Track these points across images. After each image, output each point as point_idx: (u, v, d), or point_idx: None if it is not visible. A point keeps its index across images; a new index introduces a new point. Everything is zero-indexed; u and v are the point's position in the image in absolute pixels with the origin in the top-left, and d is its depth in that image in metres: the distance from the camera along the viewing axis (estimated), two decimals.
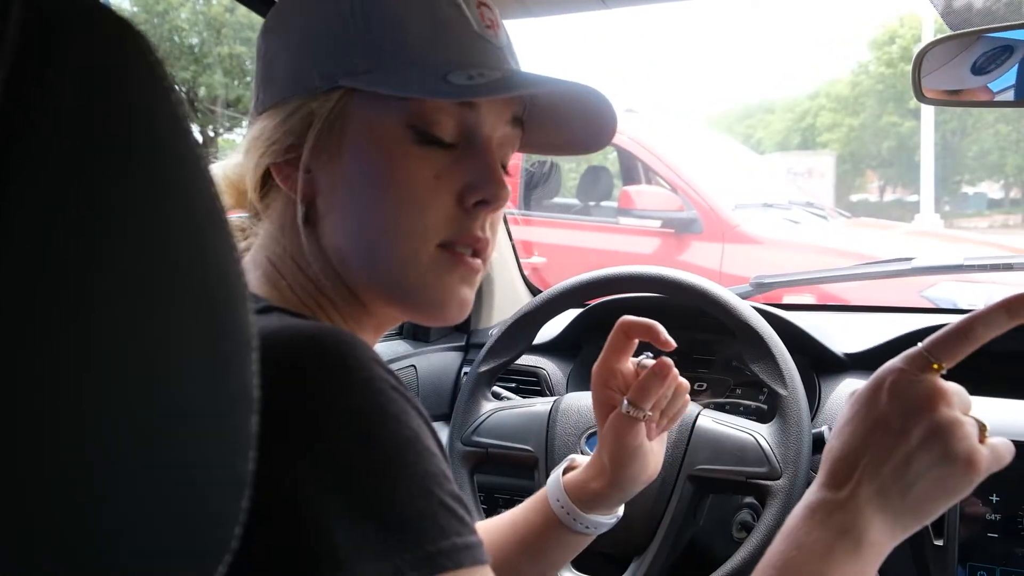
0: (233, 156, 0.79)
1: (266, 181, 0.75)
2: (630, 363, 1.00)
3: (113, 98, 0.33)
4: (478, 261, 0.74)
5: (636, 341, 0.99)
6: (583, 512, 0.97)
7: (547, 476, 1.30)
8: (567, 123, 0.79)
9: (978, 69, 1.15)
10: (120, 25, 0.34)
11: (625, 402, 0.94)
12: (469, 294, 0.75)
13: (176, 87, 0.36)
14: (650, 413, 0.94)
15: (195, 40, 13.39)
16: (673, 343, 0.95)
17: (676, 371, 0.95)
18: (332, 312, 0.74)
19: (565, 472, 1.02)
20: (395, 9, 0.70)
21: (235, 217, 0.79)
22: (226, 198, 0.78)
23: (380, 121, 0.69)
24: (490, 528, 1.02)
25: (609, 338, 1.00)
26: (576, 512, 0.97)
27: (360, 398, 0.54)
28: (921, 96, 1.15)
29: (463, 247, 0.72)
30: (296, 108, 0.71)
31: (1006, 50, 1.15)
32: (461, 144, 0.72)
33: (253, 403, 0.38)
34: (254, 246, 0.76)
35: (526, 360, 1.66)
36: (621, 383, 0.98)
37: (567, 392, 1.55)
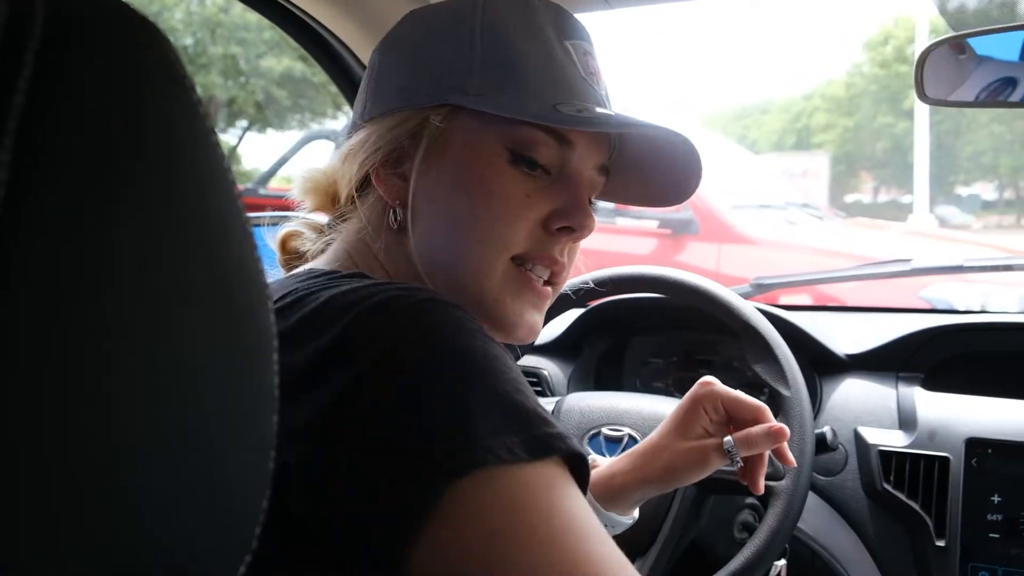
0: (324, 161, 0.84)
1: (362, 185, 0.80)
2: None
3: (135, 96, 0.33)
4: (548, 289, 0.79)
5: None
6: (604, 509, 1.00)
7: None
8: (651, 174, 0.84)
9: (980, 70, 1.15)
10: (143, 24, 0.34)
11: (730, 441, 0.96)
12: (539, 319, 0.79)
13: (196, 87, 0.36)
14: (740, 460, 0.96)
15: (190, 40, 13.36)
16: (787, 432, 0.96)
17: (787, 435, 0.96)
18: None
19: None
20: (512, 41, 0.75)
21: (315, 217, 0.85)
22: (311, 199, 0.84)
23: (482, 139, 0.74)
24: None
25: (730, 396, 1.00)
26: (598, 508, 0.99)
27: (452, 324, 0.58)
28: (924, 96, 1.15)
29: (539, 268, 0.77)
30: (405, 119, 0.76)
31: (1008, 51, 1.15)
32: (554, 174, 0.76)
33: (275, 403, 0.37)
34: (335, 244, 0.80)
35: (527, 361, 1.66)
36: (715, 411, 0.99)
37: (568, 393, 1.55)
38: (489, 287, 0.75)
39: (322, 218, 0.85)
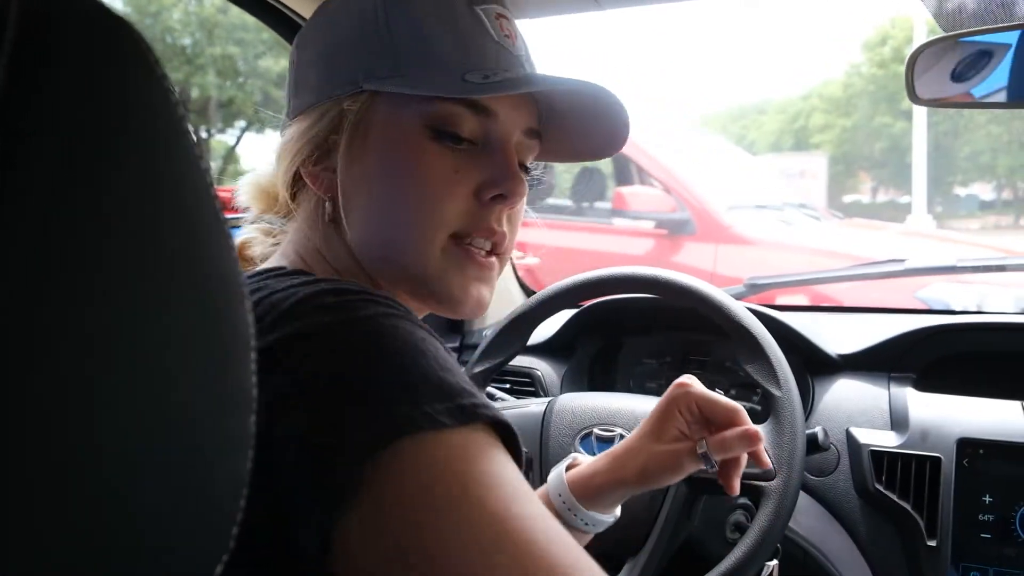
0: (264, 165, 0.85)
1: (296, 183, 0.80)
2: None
3: (111, 96, 0.33)
4: (493, 259, 0.78)
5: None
6: (584, 508, 1.00)
7: (541, 477, 1.30)
8: (582, 130, 0.83)
9: (971, 70, 1.15)
10: (118, 24, 0.34)
11: (705, 445, 0.97)
12: (486, 292, 0.79)
13: (173, 86, 0.36)
14: (717, 463, 0.97)
15: (188, 41, 13.36)
16: (761, 435, 0.97)
17: (762, 439, 0.97)
18: None
19: (567, 469, 1.04)
20: (417, 18, 0.74)
21: (263, 221, 0.85)
22: (257, 204, 0.84)
23: (400, 121, 0.74)
24: None
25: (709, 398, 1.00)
26: (577, 507, 1.00)
27: (373, 309, 0.59)
28: (914, 97, 1.15)
29: (479, 240, 0.76)
30: (323, 113, 0.76)
31: (999, 51, 1.15)
32: (480, 144, 0.76)
33: (252, 402, 0.38)
34: (283, 243, 0.81)
35: (520, 361, 1.66)
36: (689, 413, 1.00)
37: (561, 393, 1.55)
38: (430, 266, 0.75)
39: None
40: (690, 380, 1.00)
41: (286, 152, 0.78)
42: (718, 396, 0.99)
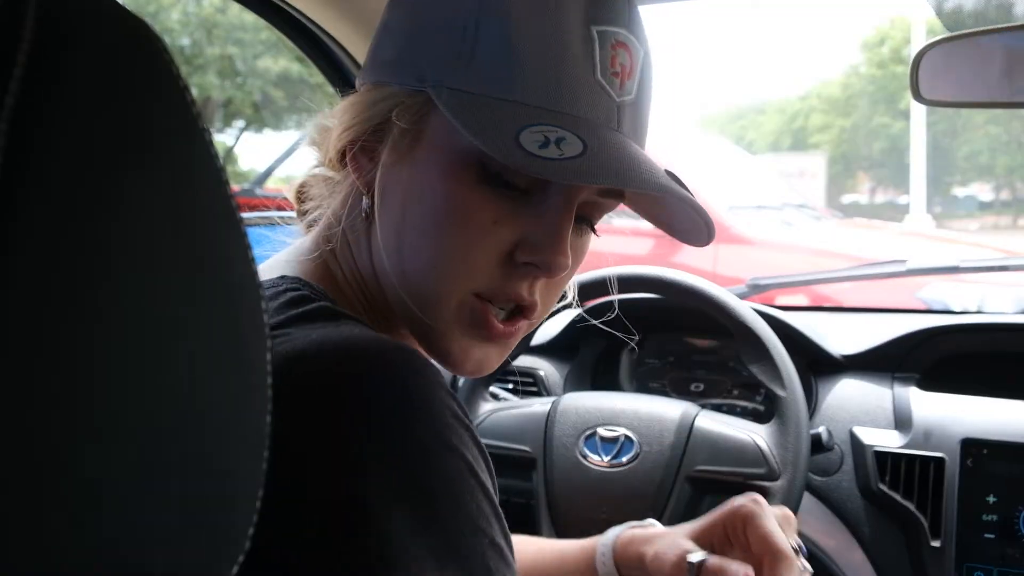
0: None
1: (341, 157, 0.70)
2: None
3: (128, 97, 0.33)
4: (513, 328, 0.68)
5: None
6: None
7: (545, 476, 1.31)
8: (669, 209, 0.72)
9: (976, 70, 1.15)
10: (136, 24, 0.34)
11: (701, 559, 0.81)
12: (493, 356, 0.70)
13: (189, 87, 0.36)
14: None
15: (186, 41, 13.35)
16: None
17: None
18: (377, 314, 0.72)
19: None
20: (508, 35, 0.62)
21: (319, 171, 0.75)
22: (320, 152, 0.74)
23: (453, 145, 0.64)
24: (531, 558, 0.98)
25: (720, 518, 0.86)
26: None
27: (422, 427, 0.52)
28: (919, 97, 1.16)
29: (500, 304, 0.66)
30: (386, 97, 0.66)
31: (1001, 51, 1.15)
32: (535, 192, 0.65)
33: (267, 402, 0.37)
34: (322, 219, 0.73)
35: (524, 361, 1.66)
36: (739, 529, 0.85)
37: (564, 393, 1.55)
38: (440, 318, 0.66)
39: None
40: (760, 501, 0.84)
41: (340, 123, 0.69)
42: (777, 536, 0.80)
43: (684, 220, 0.70)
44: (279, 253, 0.74)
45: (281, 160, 5.89)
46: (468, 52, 0.63)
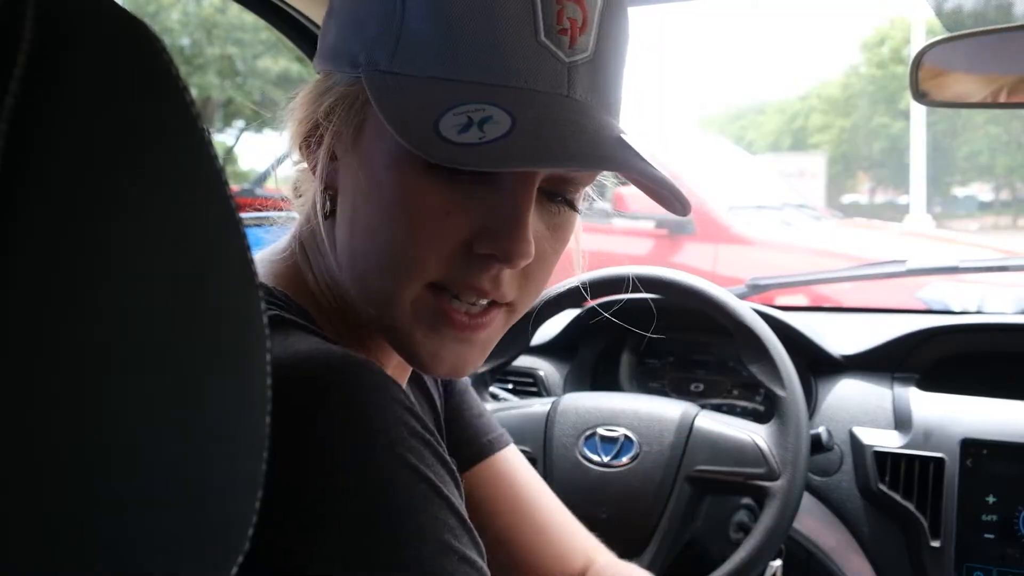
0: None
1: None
2: None
3: (127, 98, 0.33)
4: (484, 319, 0.62)
5: None
6: None
7: (544, 477, 1.30)
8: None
9: (975, 70, 1.15)
10: (135, 24, 0.34)
11: None
12: (469, 356, 0.64)
13: (189, 87, 0.36)
14: None
15: (186, 41, 13.35)
16: None
17: None
18: (349, 316, 0.68)
19: None
20: (436, 2, 0.57)
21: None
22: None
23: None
24: None
25: None
26: None
27: (377, 451, 0.51)
28: (919, 96, 1.16)
29: (463, 296, 0.61)
30: (331, 86, 0.62)
31: (1001, 51, 1.15)
32: (486, 176, 0.58)
33: (267, 404, 0.38)
34: (295, 222, 0.70)
35: (523, 361, 1.66)
36: None
37: (564, 393, 1.55)
38: (399, 320, 0.61)
39: None
40: None
41: (291, 117, 0.65)
42: None
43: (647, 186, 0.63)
44: (258, 253, 0.71)
45: (281, 160, 5.88)
46: (396, 28, 0.57)
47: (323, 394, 0.51)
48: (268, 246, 0.73)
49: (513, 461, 0.93)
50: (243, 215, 0.37)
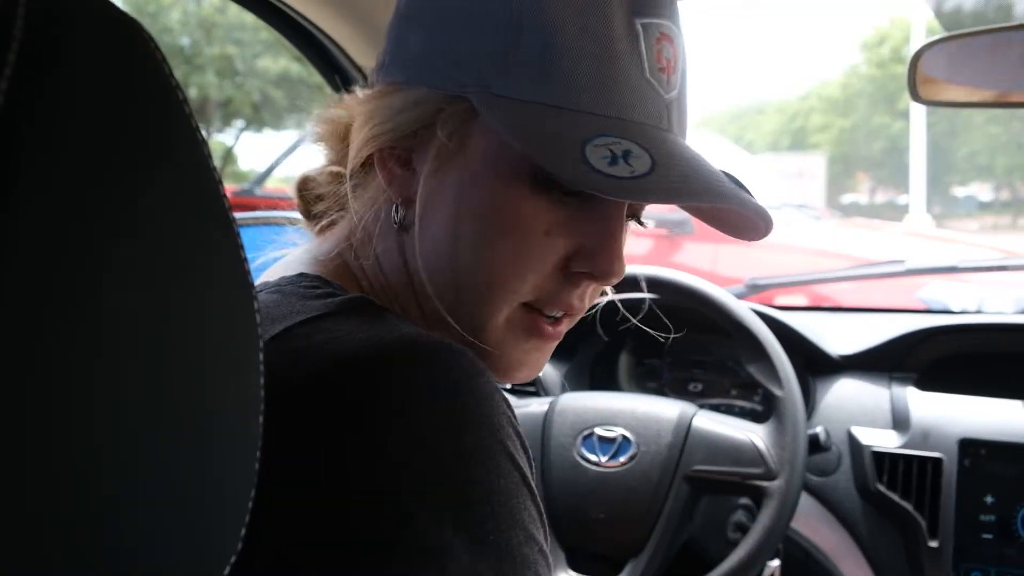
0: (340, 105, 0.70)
1: (365, 162, 0.66)
2: None
3: (118, 96, 0.33)
4: (560, 329, 0.66)
5: None
6: None
7: (542, 477, 1.30)
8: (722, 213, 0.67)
9: (974, 70, 1.15)
10: (126, 22, 0.34)
11: None
12: (542, 360, 0.68)
13: (180, 85, 0.36)
14: None
15: (186, 41, 13.36)
16: None
17: None
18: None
19: None
20: (553, 30, 0.57)
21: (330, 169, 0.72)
22: (329, 144, 0.70)
23: (502, 153, 0.60)
24: None
25: None
26: None
27: (484, 434, 0.51)
28: (917, 96, 1.16)
29: (548, 312, 0.64)
30: (422, 100, 0.61)
31: (1000, 51, 1.15)
32: (590, 198, 0.60)
33: (260, 403, 0.37)
34: (342, 222, 0.69)
35: None
36: None
37: (562, 393, 1.55)
38: (491, 331, 0.63)
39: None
40: None
41: (365, 124, 0.64)
42: None
43: (736, 216, 0.65)
44: (293, 251, 0.72)
45: (280, 160, 5.87)
46: (508, 51, 0.58)
47: (431, 374, 0.51)
48: (278, 248, 0.73)
49: None
50: (244, 215, 0.37)
